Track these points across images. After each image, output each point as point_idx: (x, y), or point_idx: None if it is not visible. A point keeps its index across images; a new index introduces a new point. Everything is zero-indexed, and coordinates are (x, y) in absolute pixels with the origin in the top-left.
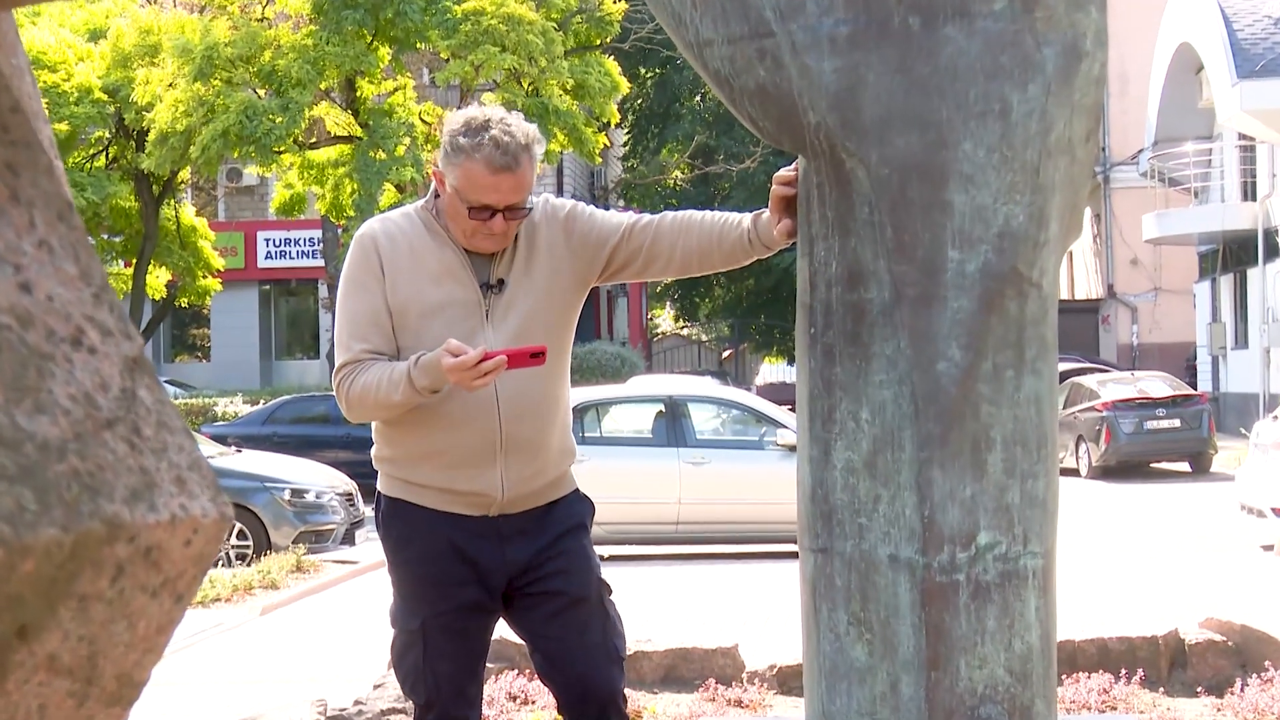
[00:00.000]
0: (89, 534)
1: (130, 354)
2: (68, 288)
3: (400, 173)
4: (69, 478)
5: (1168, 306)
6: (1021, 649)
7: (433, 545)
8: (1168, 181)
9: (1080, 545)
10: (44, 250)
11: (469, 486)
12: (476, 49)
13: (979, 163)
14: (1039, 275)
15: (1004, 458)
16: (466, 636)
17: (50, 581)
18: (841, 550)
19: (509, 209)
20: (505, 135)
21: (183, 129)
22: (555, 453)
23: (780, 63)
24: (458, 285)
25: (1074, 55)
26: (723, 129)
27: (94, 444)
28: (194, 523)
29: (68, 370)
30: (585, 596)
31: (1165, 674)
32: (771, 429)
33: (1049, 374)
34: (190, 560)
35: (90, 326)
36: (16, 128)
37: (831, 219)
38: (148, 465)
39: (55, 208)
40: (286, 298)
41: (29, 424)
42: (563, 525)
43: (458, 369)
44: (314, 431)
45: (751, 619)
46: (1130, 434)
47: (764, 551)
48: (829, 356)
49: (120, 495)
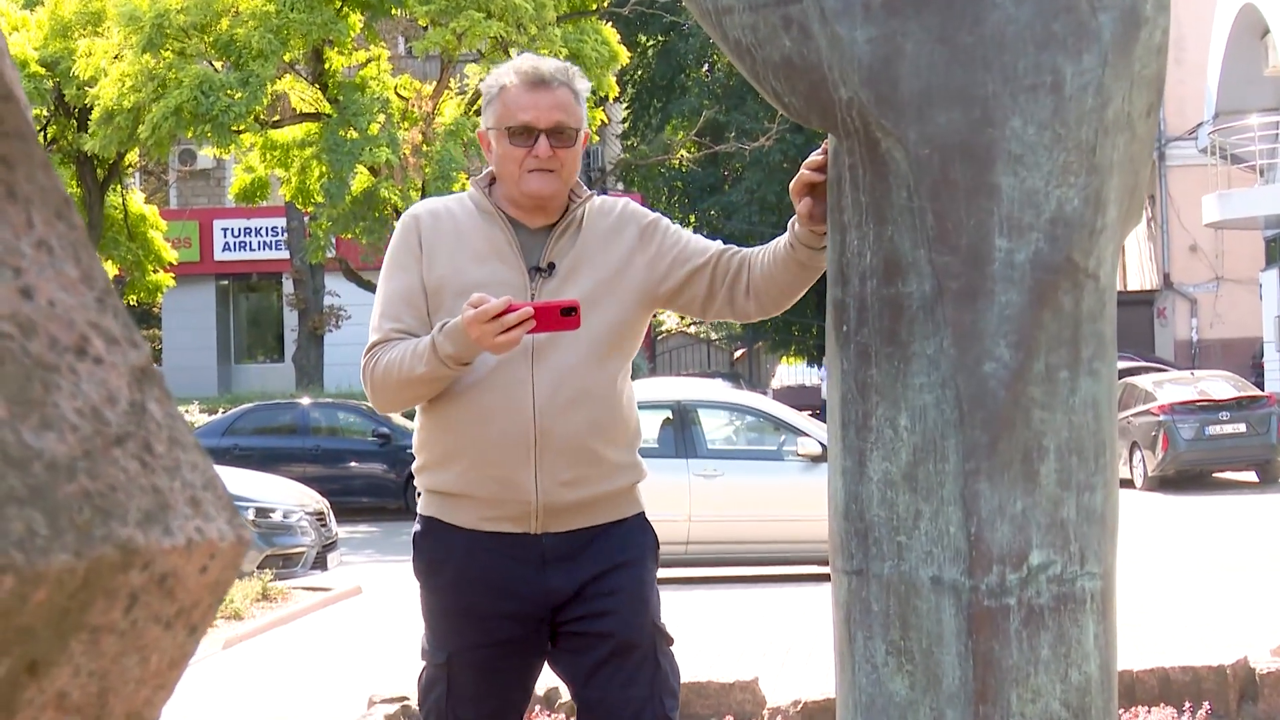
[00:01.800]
0: (102, 560)
1: (138, 363)
2: (70, 292)
3: (374, 153)
4: (80, 499)
5: (1231, 298)
6: (1079, 680)
7: (466, 572)
8: (1230, 159)
9: (1136, 564)
10: (43, 251)
11: (501, 491)
12: (458, 15)
13: (1029, 141)
14: (1095, 265)
15: (1058, 468)
16: (498, 678)
17: (62, 612)
18: (879, 572)
19: (553, 132)
20: (539, 60)
21: (130, 106)
22: (609, 464)
23: (808, 31)
24: (503, 266)
25: (1133, 22)
26: (733, 103)
27: (104, 462)
28: (210, 547)
29: (73, 382)
30: (635, 643)
31: (1234, 707)
32: (791, 437)
33: (1107, 375)
34: (206, 588)
35: (95, 334)
36: (10, 117)
37: (865, 205)
38: (160, 485)
39: (53, 205)
40: (247, 294)
41: (36, 441)
42: (617, 556)
43: (477, 321)
44: (280, 444)
45: (772, 649)
46: (1190, 440)
47: (784, 574)
48: (863, 357)
49: (134, 518)
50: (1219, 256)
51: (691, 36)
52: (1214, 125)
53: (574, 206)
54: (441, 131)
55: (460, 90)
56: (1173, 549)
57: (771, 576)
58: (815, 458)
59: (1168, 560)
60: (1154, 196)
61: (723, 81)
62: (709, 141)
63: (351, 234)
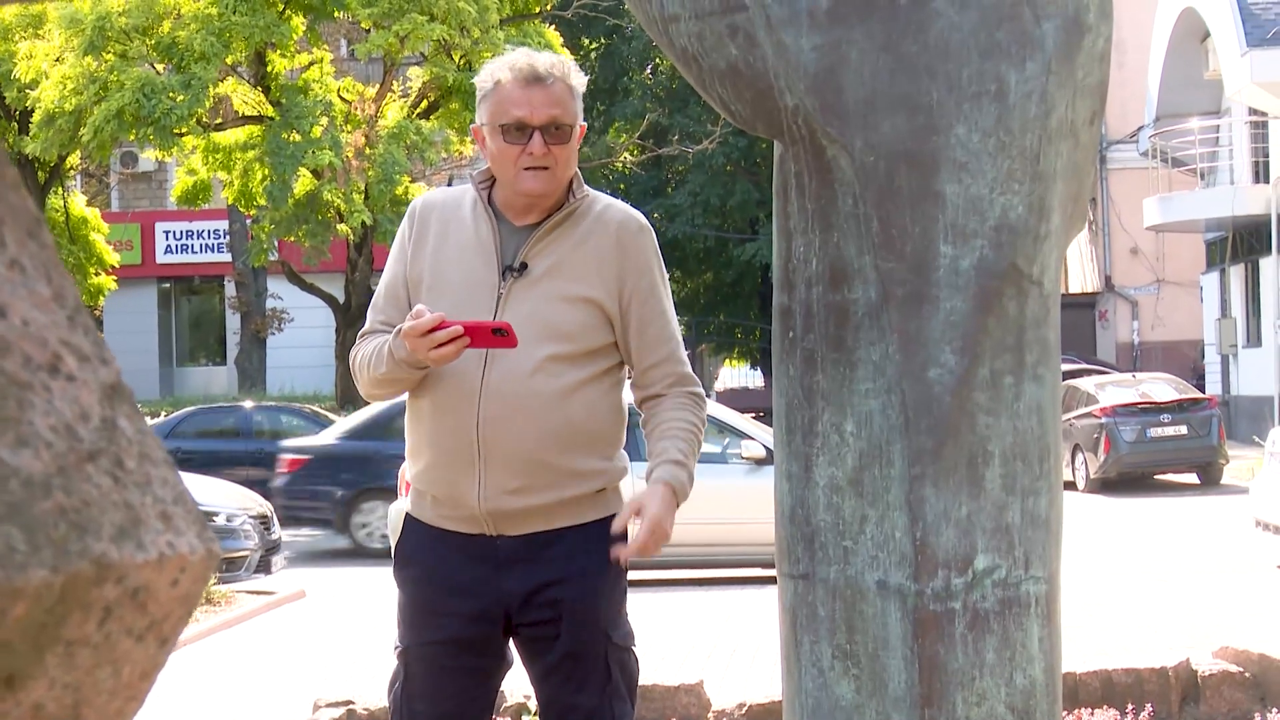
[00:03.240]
0: (78, 575)
1: (108, 380)
2: (42, 310)
3: (317, 156)
4: (55, 515)
5: (1172, 301)
6: (1024, 683)
7: (427, 568)
8: (1171, 162)
9: (1079, 566)
10: (16, 270)
11: (449, 492)
12: (401, 18)
13: (973, 149)
14: (1040, 272)
15: (1003, 473)
16: (450, 677)
17: (40, 626)
18: (825, 576)
19: (547, 128)
20: (534, 55)
21: (71, 109)
22: (562, 471)
23: (754, 40)
24: (481, 264)
25: (1076, 30)
26: (676, 106)
27: (78, 478)
28: (181, 561)
29: (47, 400)
30: (582, 652)
31: (1176, 709)
32: (735, 440)
33: (1051, 380)
34: (177, 601)
35: (67, 352)
36: None
37: (811, 211)
38: (132, 500)
39: (24, 224)
40: (189, 297)
41: (12, 458)
42: (572, 562)
43: (411, 334)
44: (223, 446)
45: (717, 652)
46: (1132, 443)
47: (728, 577)
48: (809, 363)
49: (107, 533)
50: (1160, 259)
51: (634, 39)
52: (1155, 129)
53: (567, 205)
54: (384, 134)
55: (403, 93)
56: (1115, 551)
57: (716, 579)
58: (759, 460)
59: (1110, 562)
60: (1095, 199)
61: (665, 85)
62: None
63: (294, 237)
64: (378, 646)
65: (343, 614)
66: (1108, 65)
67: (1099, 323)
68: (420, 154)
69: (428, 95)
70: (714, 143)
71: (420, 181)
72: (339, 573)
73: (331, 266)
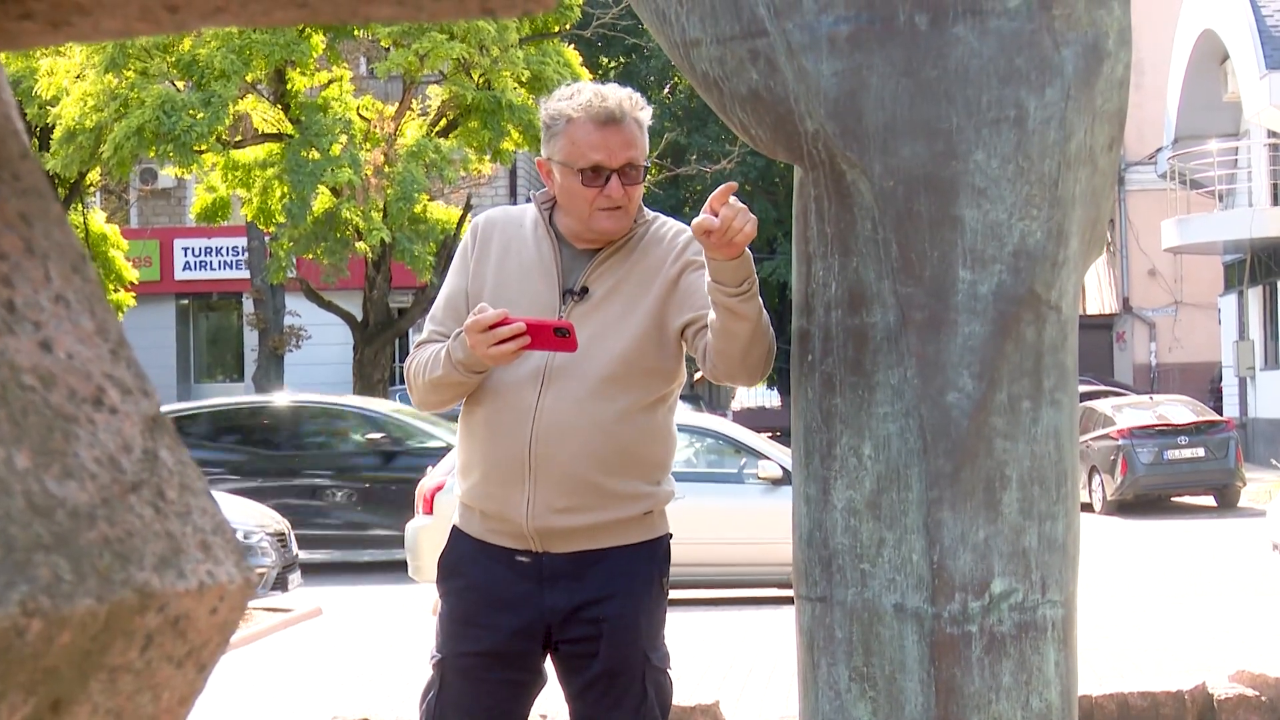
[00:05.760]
0: (122, 604)
1: (149, 413)
2: (86, 344)
3: (336, 174)
4: (100, 545)
5: (1190, 322)
6: (1040, 707)
7: (472, 581)
8: (1189, 184)
9: (1095, 588)
10: (61, 305)
11: (500, 509)
12: (421, 36)
13: (992, 174)
14: (1058, 297)
15: (1020, 498)
16: (485, 689)
17: (84, 654)
18: (842, 599)
19: (624, 170)
20: (604, 92)
21: (92, 126)
22: (610, 494)
23: (775, 65)
24: (542, 284)
25: (1095, 56)
26: (695, 125)
27: (121, 509)
28: (220, 589)
29: (91, 432)
30: (620, 670)
31: None
32: (752, 460)
33: (1069, 405)
34: (215, 629)
35: (110, 385)
36: (27, 175)
37: (831, 236)
38: (173, 530)
39: (69, 259)
40: (207, 313)
41: (59, 490)
42: (611, 585)
43: (473, 329)
44: None
45: (733, 673)
46: (1149, 465)
47: (745, 597)
48: (828, 386)
49: (150, 563)
50: (1178, 281)
51: (653, 58)
52: (1173, 150)
53: (630, 231)
54: (403, 152)
55: (422, 111)
56: (1131, 574)
57: (732, 599)
58: (776, 481)
59: (1126, 585)
60: (1114, 221)
61: (684, 104)
62: (670, 164)
63: (312, 254)
64: (394, 664)
65: (359, 631)
66: (1126, 92)
67: (1116, 344)
68: (439, 172)
69: (447, 114)
70: (732, 162)
71: (439, 200)
72: (356, 590)
73: (350, 284)
